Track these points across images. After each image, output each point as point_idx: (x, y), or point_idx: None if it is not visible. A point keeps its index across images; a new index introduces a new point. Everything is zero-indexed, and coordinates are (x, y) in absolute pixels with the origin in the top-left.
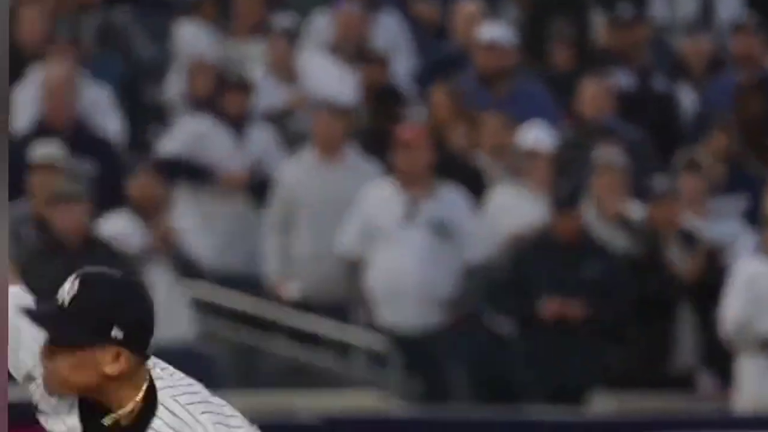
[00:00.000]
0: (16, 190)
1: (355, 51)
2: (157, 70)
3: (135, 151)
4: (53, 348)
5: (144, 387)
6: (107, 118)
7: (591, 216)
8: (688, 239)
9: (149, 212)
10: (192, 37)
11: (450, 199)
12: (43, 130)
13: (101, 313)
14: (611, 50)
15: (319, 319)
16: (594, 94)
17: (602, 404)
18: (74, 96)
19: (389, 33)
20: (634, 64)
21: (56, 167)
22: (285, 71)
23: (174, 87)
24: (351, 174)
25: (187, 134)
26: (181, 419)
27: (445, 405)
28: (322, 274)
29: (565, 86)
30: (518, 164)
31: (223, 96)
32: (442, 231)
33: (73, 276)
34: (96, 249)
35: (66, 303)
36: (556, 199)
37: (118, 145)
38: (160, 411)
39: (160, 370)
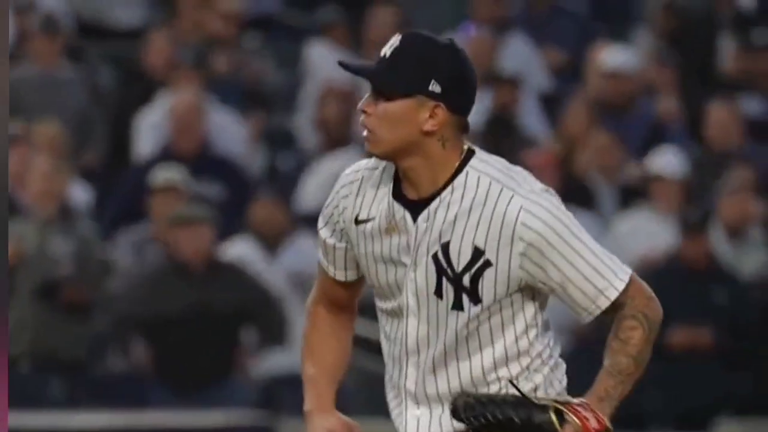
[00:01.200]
0: (139, 213)
1: (484, 75)
2: (287, 95)
3: (264, 177)
4: (373, 102)
5: (458, 162)
6: (235, 143)
7: (719, 241)
8: None
9: (271, 239)
10: (323, 61)
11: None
12: (169, 155)
13: (421, 65)
14: (740, 76)
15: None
16: (722, 120)
17: (729, 430)
18: (200, 122)
19: (518, 56)
20: (764, 90)
21: (179, 191)
22: None
23: (304, 112)
24: None
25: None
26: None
27: None
28: None
29: (694, 111)
30: (646, 188)
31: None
32: None
33: (396, 34)
34: (220, 273)
35: (387, 55)
36: (684, 224)
37: (245, 169)
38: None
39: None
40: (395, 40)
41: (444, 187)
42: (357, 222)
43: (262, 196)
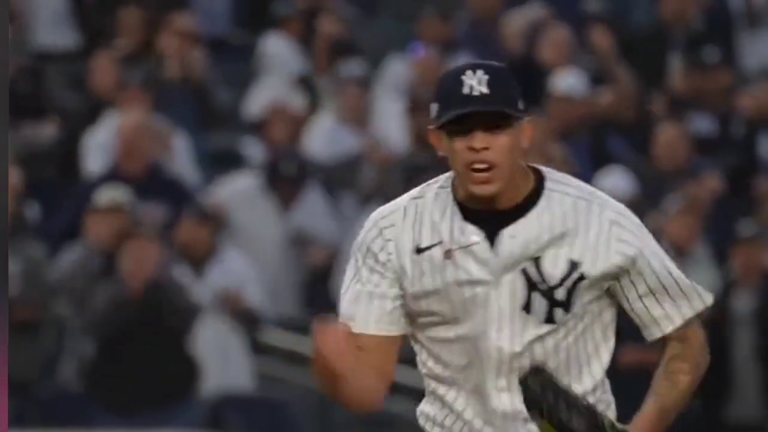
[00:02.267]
0: (80, 231)
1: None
2: (235, 114)
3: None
4: (488, 136)
5: (533, 176)
6: (182, 163)
7: None
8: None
9: (197, 259)
10: (279, 54)
11: None
12: (115, 175)
13: (512, 87)
14: (690, 94)
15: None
16: (670, 138)
17: None
18: (148, 142)
19: None
20: (714, 109)
21: (122, 211)
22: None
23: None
24: None
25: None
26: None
27: None
28: None
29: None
30: None
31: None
32: None
33: (468, 71)
34: (164, 291)
35: (484, 89)
36: None
37: (192, 190)
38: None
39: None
40: (479, 74)
41: (526, 202)
42: (419, 251)
43: (190, 216)
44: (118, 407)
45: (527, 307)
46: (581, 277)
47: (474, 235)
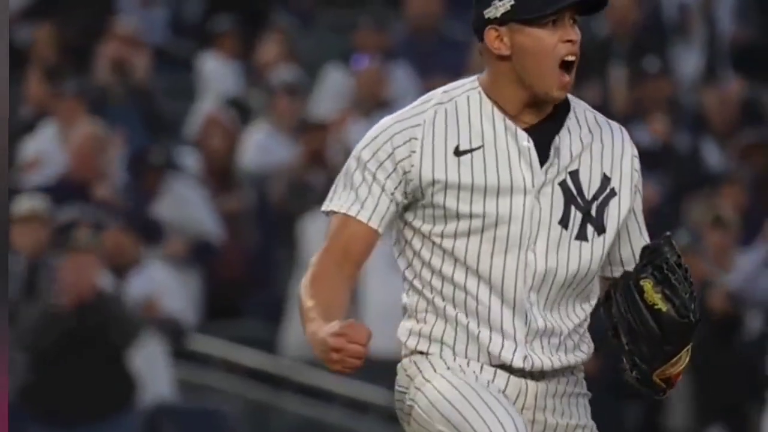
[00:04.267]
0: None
1: (373, 104)
2: (176, 123)
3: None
4: (574, 25)
5: None
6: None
7: None
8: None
9: (121, 267)
10: (215, 73)
11: None
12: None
13: None
14: (631, 105)
15: (331, 375)
16: None
17: None
18: (98, 152)
19: (403, 86)
20: (654, 120)
21: (41, 219)
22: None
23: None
24: None
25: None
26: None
27: None
28: None
29: None
30: None
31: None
32: None
33: None
34: (102, 303)
35: None
36: None
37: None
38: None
39: None
40: None
41: (559, 114)
42: (459, 153)
43: (112, 224)
44: (53, 421)
45: (564, 221)
46: (612, 193)
47: (521, 141)
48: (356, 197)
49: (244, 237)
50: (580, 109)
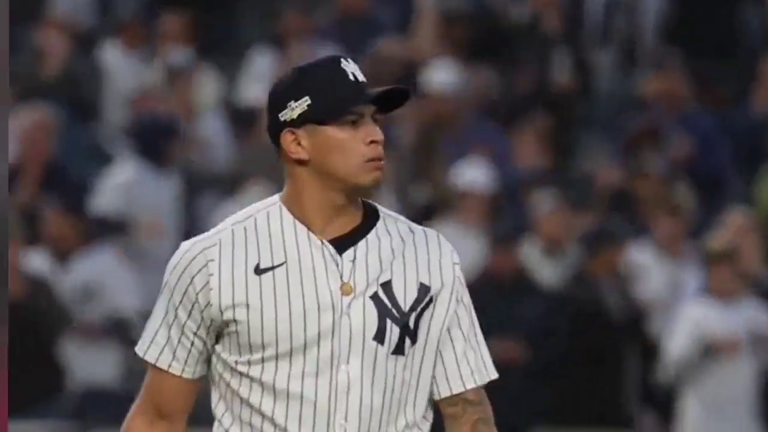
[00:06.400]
0: None
1: None
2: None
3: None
4: (376, 123)
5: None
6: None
7: (531, 255)
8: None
9: (63, 252)
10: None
11: None
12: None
13: None
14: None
15: None
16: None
17: None
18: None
19: None
20: None
21: None
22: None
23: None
24: None
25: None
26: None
27: None
28: None
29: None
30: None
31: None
32: None
33: (342, 60)
34: (30, 293)
35: (363, 80)
36: (494, 237)
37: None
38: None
39: None
40: (351, 63)
41: (367, 225)
42: (259, 271)
43: (51, 206)
44: None
45: (380, 336)
46: (430, 301)
47: (330, 253)
48: (167, 343)
49: None
50: (390, 219)
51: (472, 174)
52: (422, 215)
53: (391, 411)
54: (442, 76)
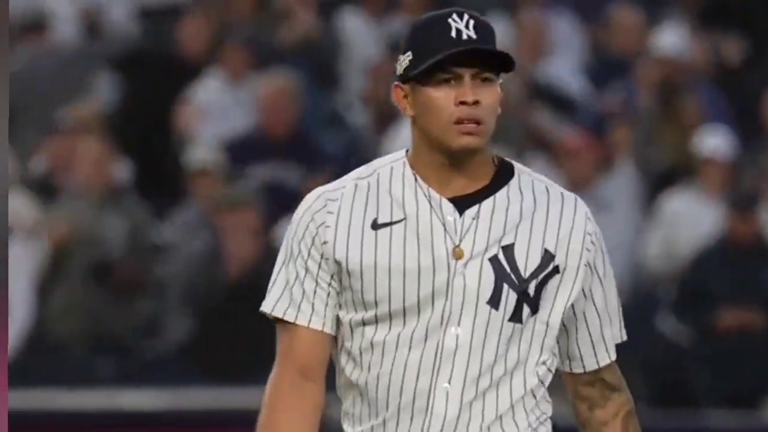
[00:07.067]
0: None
1: None
2: None
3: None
4: (479, 89)
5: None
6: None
7: None
8: None
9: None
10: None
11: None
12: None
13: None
14: None
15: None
16: None
17: None
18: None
19: None
20: None
21: (214, 173)
22: None
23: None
24: None
25: None
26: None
27: None
28: None
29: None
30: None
31: None
32: None
33: (454, 15)
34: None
35: (475, 34)
36: (732, 202)
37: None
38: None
39: None
40: (466, 18)
41: (497, 183)
42: (376, 226)
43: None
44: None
45: (494, 301)
46: (554, 270)
47: (446, 212)
48: (303, 298)
49: None
50: (527, 178)
51: (714, 140)
52: (662, 181)
53: (495, 379)
54: (674, 39)
